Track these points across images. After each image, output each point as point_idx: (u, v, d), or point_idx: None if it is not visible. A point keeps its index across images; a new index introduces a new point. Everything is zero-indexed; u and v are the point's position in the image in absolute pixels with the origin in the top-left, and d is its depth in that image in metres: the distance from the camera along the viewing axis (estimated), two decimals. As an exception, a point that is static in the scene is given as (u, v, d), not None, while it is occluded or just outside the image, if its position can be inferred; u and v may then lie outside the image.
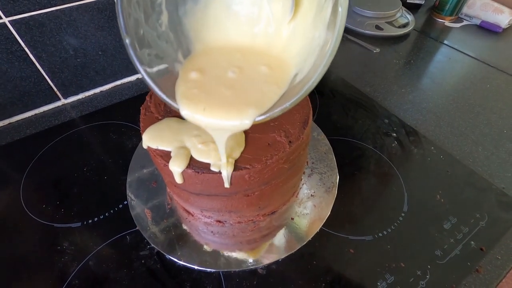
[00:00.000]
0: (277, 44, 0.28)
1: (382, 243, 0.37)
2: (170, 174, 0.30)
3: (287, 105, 0.23)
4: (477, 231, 0.38)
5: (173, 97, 0.25)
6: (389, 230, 0.38)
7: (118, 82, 0.60)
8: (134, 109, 0.55)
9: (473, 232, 0.38)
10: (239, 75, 0.26)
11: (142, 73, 0.24)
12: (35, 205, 0.41)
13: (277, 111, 0.24)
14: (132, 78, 0.61)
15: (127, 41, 0.23)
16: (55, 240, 0.38)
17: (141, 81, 0.61)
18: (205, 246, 0.37)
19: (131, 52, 0.24)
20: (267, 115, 0.24)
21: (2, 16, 0.43)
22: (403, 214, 0.40)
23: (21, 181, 0.44)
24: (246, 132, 0.32)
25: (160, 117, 0.34)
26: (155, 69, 0.25)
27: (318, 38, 0.24)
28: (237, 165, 0.29)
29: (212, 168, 0.29)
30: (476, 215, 0.40)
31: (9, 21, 0.44)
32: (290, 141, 0.31)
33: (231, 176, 0.29)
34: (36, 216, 0.40)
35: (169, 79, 0.26)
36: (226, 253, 0.37)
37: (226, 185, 0.29)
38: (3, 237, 0.39)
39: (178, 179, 0.30)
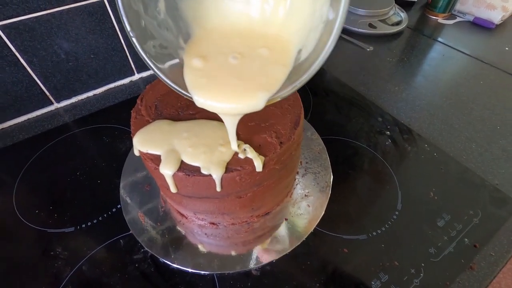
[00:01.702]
0: (274, 23, 0.27)
1: (376, 242, 0.37)
2: (162, 177, 0.30)
3: (297, 83, 0.24)
4: (471, 228, 0.38)
5: (183, 86, 0.26)
6: (383, 229, 0.38)
7: (111, 85, 0.60)
8: (127, 112, 0.54)
9: (466, 229, 0.38)
10: (241, 60, 0.26)
11: (151, 65, 0.25)
12: (28, 211, 0.41)
13: (288, 90, 0.24)
14: (125, 81, 0.61)
15: (133, 35, 0.24)
16: (48, 245, 0.38)
17: (134, 84, 0.61)
18: (199, 248, 0.37)
19: (138, 46, 0.24)
20: (278, 94, 0.24)
21: (-9, 21, 0.43)
22: (397, 213, 0.40)
23: (14, 186, 0.44)
24: (237, 134, 0.32)
25: (150, 120, 0.34)
26: (161, 59, 0.26)
27: (320, 12, 0.23)
28: (228, 167, 0.29)
29: (203, 171, 0.29)
30: (469, 212, 0.40)
31: (-2, 26, 0.44)
32: (281, 142, 0.31)
33: (222, 178, 0.29)
34: (29, 222, 0.40)
35: (175, 67, 0.27)
36: (220, 255, 0.36)
37: (218, 188, 0.29)
38: (-4, 243, 0.38)
39: (171, 185, 0.30)
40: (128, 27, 0.24)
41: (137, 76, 0.62)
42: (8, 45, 0.46)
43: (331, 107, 0.55)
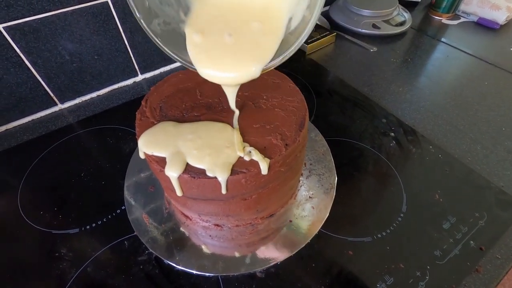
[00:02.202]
0: None
1: (381, 244, 0.37)
2: (167, 179, 0.30)
3: (286, 54, 0.26)
4: (476, 230, 0.38)
5: (187, 59, 0.28)
6: (388, 231, 0.38)
7: (115, 86, 0.60)
8: (131, 113, 0.54)
9: (472, 231, 0.38)
10: (235, 36, 0.28)
11: (158, 43, 0.27)
12: (33, 212, 0.41)
13: (279, 60, 0.26)
14: (129, 81, 0.61)
15: (140, 16, 0.26)
16: (53, 246, 0.38)
17: (137, 85, 0.61)
18: (203, 250, 0.37)
19: (145, 26, 0.26)
20: (272, 63, 0.27)
21: (-4, 22, 0.43)
22: (402, 215, 0.40)
23: (18, 187, 0.44)
24: (243, 135, 0.32)
25: (155, 122, 0.34)
26: (166, 36, 0.28)
27: None
28: (234, 169, 0.29)
29: (208, 173, 0.28)
30: (475, 214, 0.40)
31: (3, 27, 0.44)
32: (286, 144, 0.31)
33: (228, 180, 0.29)
34: (34, 223, 0.40)
35: (179, 40, 0.29)
36: (225, 257, 0.36)
37: (223, 191, 0.29)
38: (1, 244, 0.38)
39: (177, 187, 0.30)
40: (135, 9, 0.25)
41: (140, 77, 0.62)
42: (12, 47, 0.46)
43: (335, 108, 0.55)
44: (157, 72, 0.64)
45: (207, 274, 0.35)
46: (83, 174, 0.45)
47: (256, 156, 0.29)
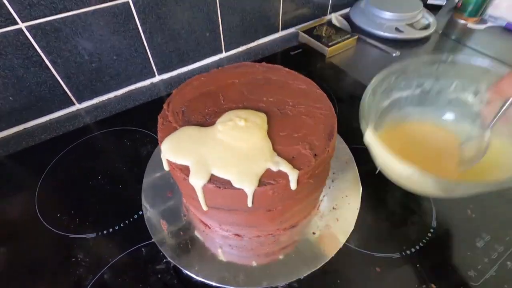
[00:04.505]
0: None
1: (410, 261, 0.35)
2: (190, 187, 0.29)
3: None
4: (514, 250, 0.36)
5: None
6: (418, 247, 0.36)
7: (132, 87, 0.59)
8: (148, 115, 0.53)
9: (509, 251, 0.35)
10: None
11: None
12: (50, 214, 0.41)
13: None
14: (146, 82, 0.61)
15: None
16: (70, 251, 0.37)
17: (154, 86, 0.60)
18: (222, 259, 0.36)
19: None
20: None
21: (19, 21, 0.42)
22: (432, 230, 0.37)
23: (36, 188, 0.44)
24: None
25: (178, 126, 0.33)
26: None
27: None
28: (261, 180, 0.27)
29: (234, 184, 0.27)
30: (511, 232, 0.37)
31: (25, 26, 0.43)
32: (315, 154, 0.29)
33: (255, 192, 0.27)
34: (51, 225, 0.39)
35: None
36: (245, 269, 0.35)
37: (249, 203, 0.28)
38: (17, 247, 0.38)
39: (201, 199, 0.29)
40: None
41: (157, 78, 0.61)
42: (34, 46, 0.45)
43: (358, 114, 0.53)
44: (174, 73, 0.63)
45: (227, 286, 0.33)
46: (100, 177, 0.45)
47: (285, 166, 0.28)
